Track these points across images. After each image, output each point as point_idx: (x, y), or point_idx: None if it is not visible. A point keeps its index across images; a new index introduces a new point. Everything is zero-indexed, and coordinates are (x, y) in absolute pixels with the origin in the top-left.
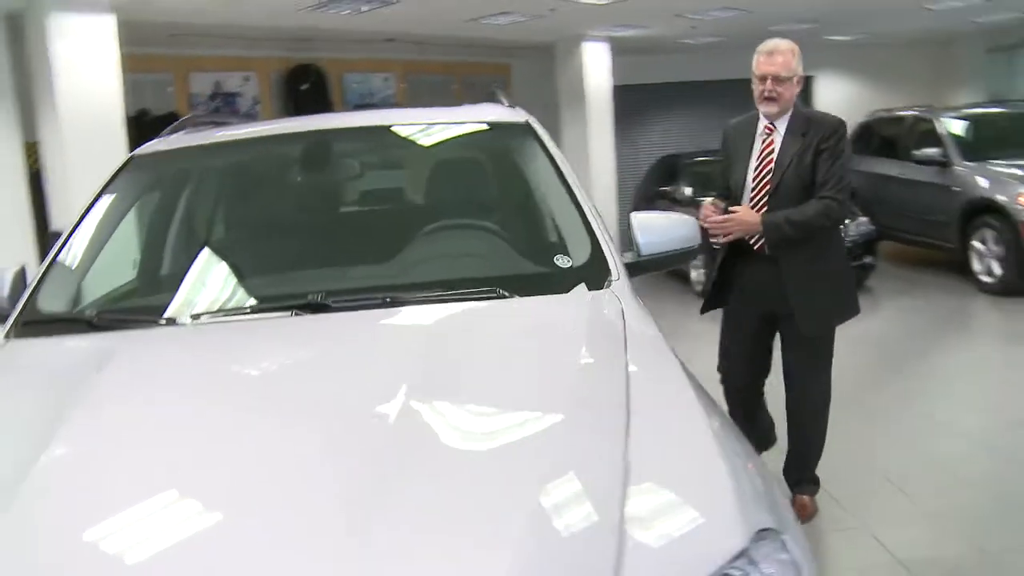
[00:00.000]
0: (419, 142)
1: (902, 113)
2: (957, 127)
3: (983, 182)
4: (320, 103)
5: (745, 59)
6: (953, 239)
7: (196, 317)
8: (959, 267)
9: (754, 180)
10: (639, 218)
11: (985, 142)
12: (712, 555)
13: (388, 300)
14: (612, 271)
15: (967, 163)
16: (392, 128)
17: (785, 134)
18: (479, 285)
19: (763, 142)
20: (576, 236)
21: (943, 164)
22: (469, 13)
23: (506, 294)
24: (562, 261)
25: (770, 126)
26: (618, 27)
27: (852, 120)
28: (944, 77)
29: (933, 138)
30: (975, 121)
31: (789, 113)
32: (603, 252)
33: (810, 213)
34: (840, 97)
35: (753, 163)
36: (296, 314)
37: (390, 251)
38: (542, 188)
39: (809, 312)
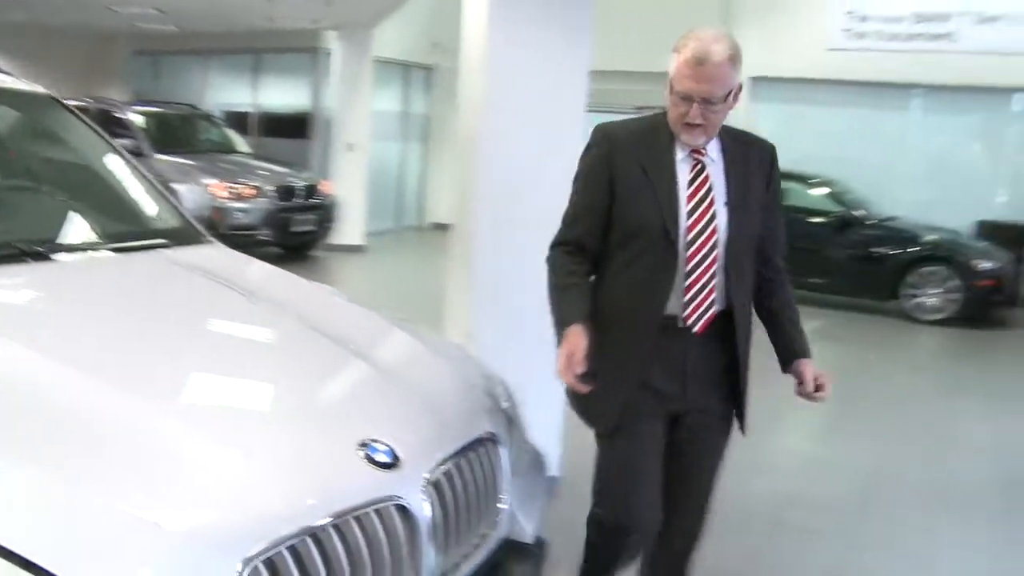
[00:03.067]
0: None
1: (82, 103)
2: (144, 122)
3: (174, 173)
4: None
5: None
6: None
7: None
8: None
9: (691, 231)
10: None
11: (167, 137)
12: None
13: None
14: (199, 229)
15: (158, 155)
16: None
17: (724, 164)
18: (146, 236)
19: (693, 173)
20: (159, 201)
21: (138, 154)
22: None
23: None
24: (167, 222)
25: (700, 150)
26: None
27: None
28: (96, 72)
29: (126, 129)
30: (157, 118)
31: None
32: (184, 213)
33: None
34: None
35: (683, 203)
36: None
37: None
38: (101, 157)
39: (745, 405)
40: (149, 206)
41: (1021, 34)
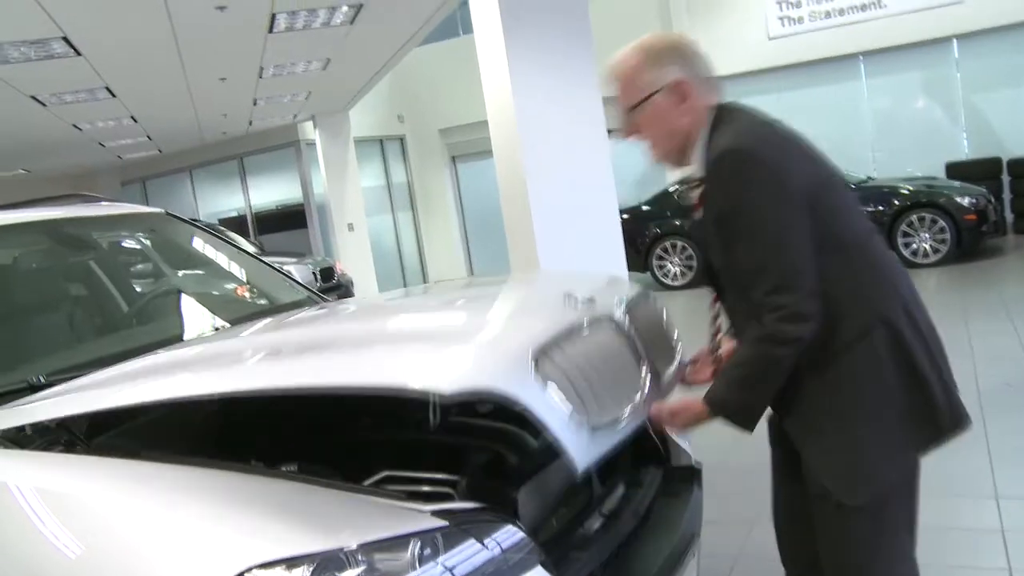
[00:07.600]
0: (101, 231)
1: None
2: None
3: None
4: None
5: None
6: None
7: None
8: None
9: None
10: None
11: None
12: None
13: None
14: (322, 296)
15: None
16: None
17: (704, 185)
18: (303, 303)
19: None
20: (280, 278)
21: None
22: None
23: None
24: (300, 292)
25: (695, 179)
26: None
27: None
28: None
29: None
30: None
31: (703, 146)
32: (308, 287)
33: (749, 360)
34: None
35: None
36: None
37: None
38: (230, 254)
39: (821, 450)
40: (283, 285)
41: None
